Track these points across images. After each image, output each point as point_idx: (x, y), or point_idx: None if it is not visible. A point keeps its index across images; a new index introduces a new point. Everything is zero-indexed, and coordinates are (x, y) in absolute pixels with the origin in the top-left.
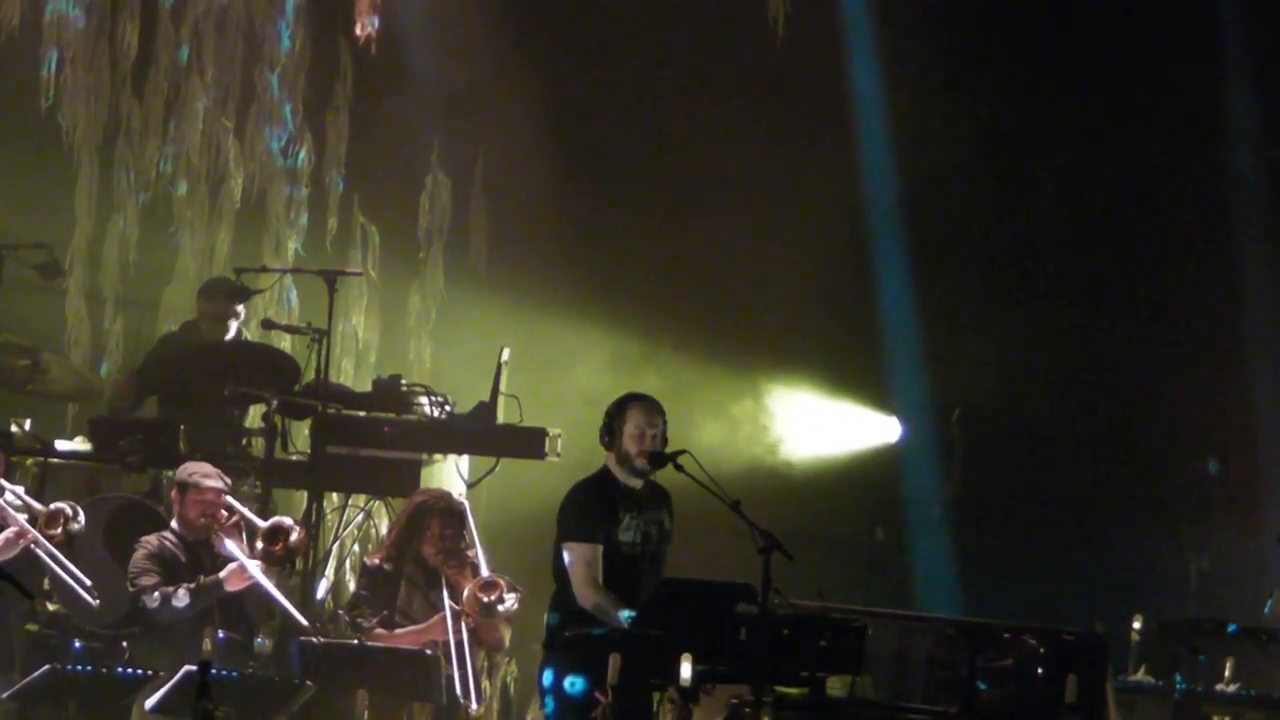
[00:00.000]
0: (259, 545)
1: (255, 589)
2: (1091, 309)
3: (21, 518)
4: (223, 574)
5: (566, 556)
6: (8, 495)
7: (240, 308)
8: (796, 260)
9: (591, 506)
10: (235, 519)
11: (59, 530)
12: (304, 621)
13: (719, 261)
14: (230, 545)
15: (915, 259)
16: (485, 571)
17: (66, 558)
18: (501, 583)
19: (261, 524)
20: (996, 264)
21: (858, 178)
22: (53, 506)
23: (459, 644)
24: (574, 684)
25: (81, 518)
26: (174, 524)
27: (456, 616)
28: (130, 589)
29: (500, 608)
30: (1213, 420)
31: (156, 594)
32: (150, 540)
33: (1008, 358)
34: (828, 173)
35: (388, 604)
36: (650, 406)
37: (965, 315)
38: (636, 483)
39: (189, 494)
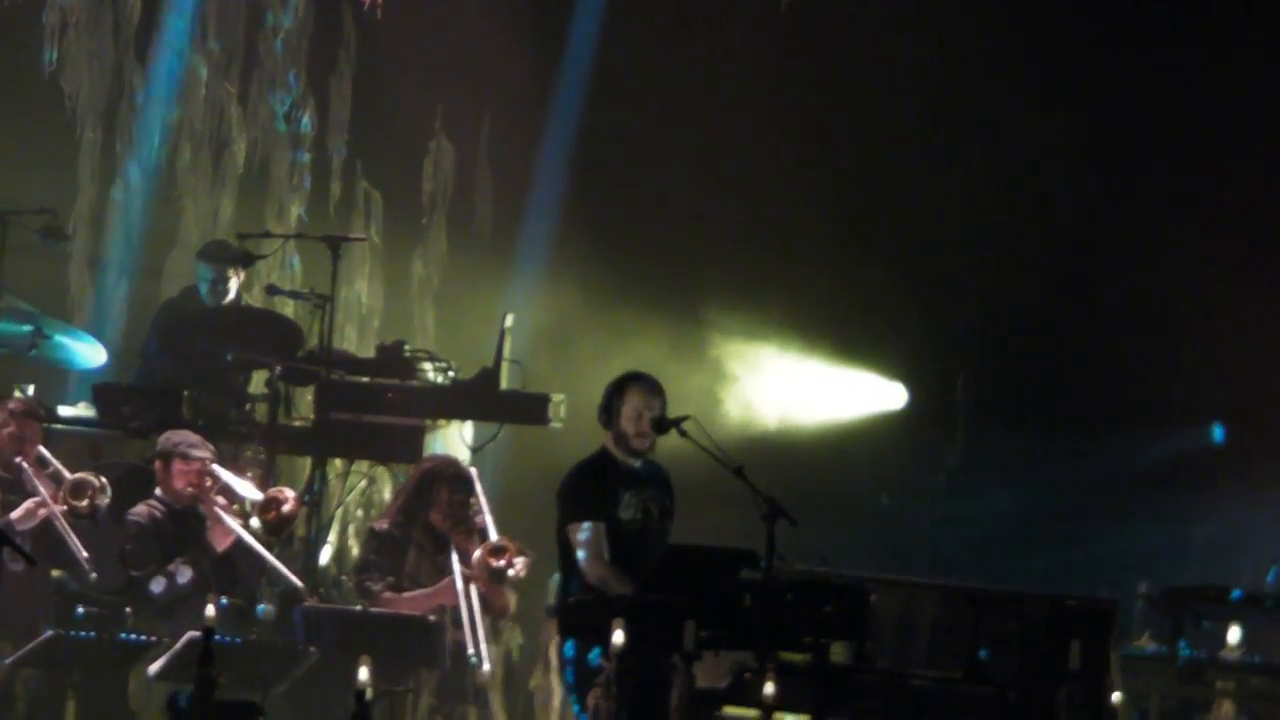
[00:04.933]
0: (254, 517)
1: (246, 553)
2: (1096, 273)
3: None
4: (209, 535)
5: (571, 536)
6: (44, 461)
7: (240, 270)
8: (801, 225)
9: (591, 486)
10: (218, 485)
11: (84, 502)
12: (296, 581)
13: (724, 227)
14: (223, 515)
15: (918, 224)
16: (494, 536)
17: (89, 529)
18: (511, 547)
19: (254, 493)
20: (1001, 231)
21: (861, 142)
22: (78, 476)
23: (469, 607)
24: (597, 654)
25: (109, 492)
26: (159, 492)
27: (466, 580)
28: (132, 572)
29: (510, 572)
30: (1218, 386)
31: (161, 579)
32: (140, 511)
33: (1013, 323)
34: (830, 137)
35: (396, 568)
36: (649, 387)
37: (971, 281)
38: (635, 462)
39: (175, 464)
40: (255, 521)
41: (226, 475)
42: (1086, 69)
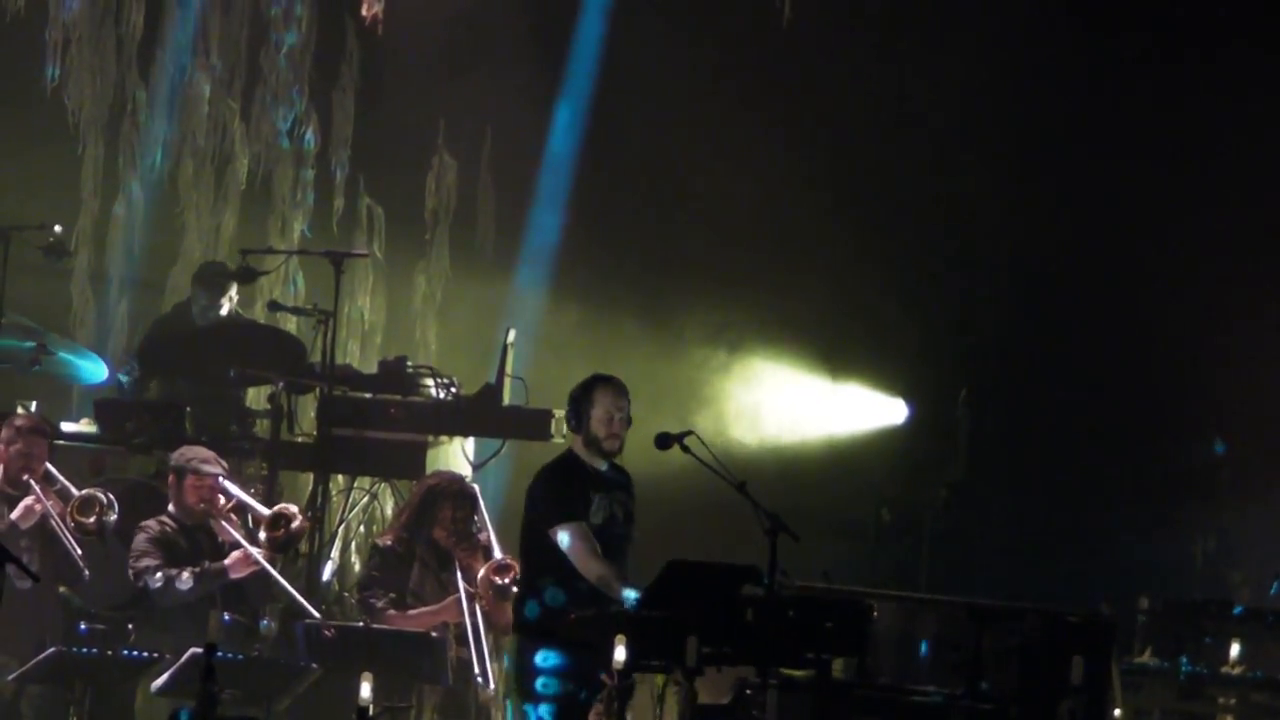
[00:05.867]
0: (261, 532)
1: (258, 573)
2: (1097, 287)
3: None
4: (228, 561)
5: (562, 537)
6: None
7: (235, 288)
8: (802, 241)
9: (568, 487)
10: (233, 504)
11: (92, 519)
12: (313, 610)
13: (724, 244)
14: (233, 532)
15: (920, 240)
16: (498, 554)
17: (96, 545)
18: (515, 565)
19: (262, 510)
20: (1001, 246)
21: (864, 159)
22: (86, 492)
23: (474, 626)
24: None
25: (116, 509)
26: (171, 508)
27: (470, 598)
28: (130, 571)
29: (515, 589)
30: (1219, 400)
31: (159, 575)
32: (150, 525)
33: (1013, 338)
34: (834, 153)
35: (399, 585)
36: (617, 389)
37: (972, 297)
38: (602, 464)
39: (186, 480)
40: (262, 535)
41: (237, 492)
42: (1084, 83)
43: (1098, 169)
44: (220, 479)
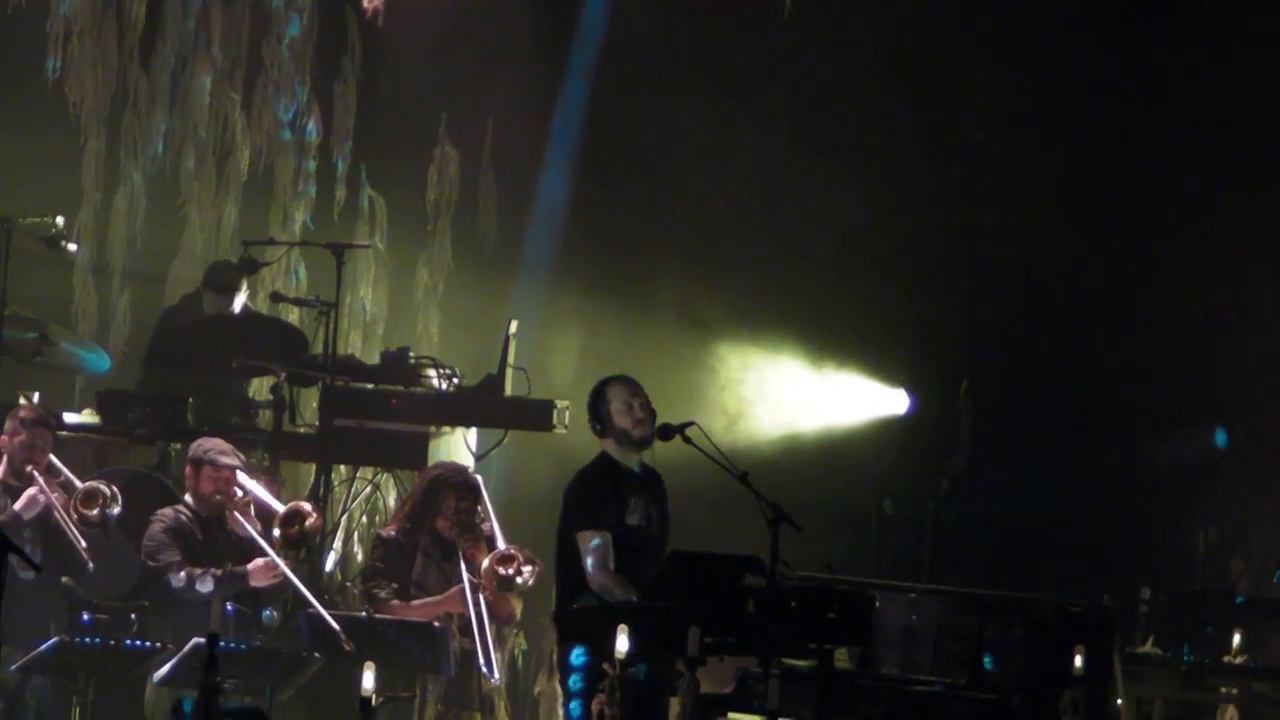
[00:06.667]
0: (275, 530)
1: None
2: (1096, 280)
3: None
4: (250, 567)
5: (583, 541)
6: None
7: (244, 284)
8: (805, 233)
9: (600, 493)
10: (247, 498)
11: (95, 511)
12: (334, 624)
13: (726, 234)
14: (249, 528)
15: (922, 231)
16: (501, 544)
17: (99, 537)
18: (519, 556)
19: (277, 506)
20: (1003, 237)
21: (865, 150)
22: (90, 485)
23: (478, 616)
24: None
25: (120, 501)
26: (188, 498)
27: (474, 589)
28: (150, 564)
29: (519, 580)
30: (1220, 391)
31: (183, 574)
32: (166, 514)
33: (1015, 329)
34: (834, 145)
35: (403, 576)
36: (628, 382)
37: (973, 287)
38: (635, 461)
39: (204, 470)
40: (276, 532)
41: (253, 486)
42: (1086, 81)
43: (1101, 161)
44: (237, 471)
